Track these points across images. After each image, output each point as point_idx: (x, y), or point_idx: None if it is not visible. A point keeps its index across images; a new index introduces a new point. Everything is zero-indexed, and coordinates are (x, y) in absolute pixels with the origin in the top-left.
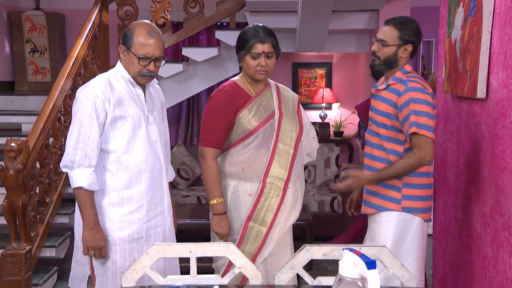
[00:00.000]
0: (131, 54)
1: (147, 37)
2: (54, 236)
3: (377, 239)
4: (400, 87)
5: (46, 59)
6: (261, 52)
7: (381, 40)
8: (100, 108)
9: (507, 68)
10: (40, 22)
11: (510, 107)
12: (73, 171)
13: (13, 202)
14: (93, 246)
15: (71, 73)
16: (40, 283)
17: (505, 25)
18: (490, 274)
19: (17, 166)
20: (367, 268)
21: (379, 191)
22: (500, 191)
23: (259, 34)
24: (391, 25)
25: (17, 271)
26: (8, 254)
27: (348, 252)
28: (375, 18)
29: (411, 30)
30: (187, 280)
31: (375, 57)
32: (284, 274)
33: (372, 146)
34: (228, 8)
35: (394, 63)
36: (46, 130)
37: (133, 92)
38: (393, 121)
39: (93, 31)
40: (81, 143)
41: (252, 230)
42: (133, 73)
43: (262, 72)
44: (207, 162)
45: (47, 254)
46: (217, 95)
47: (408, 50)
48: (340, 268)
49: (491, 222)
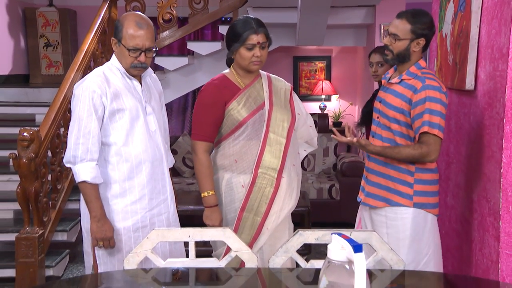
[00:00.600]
0: (121, 47)
1: (136, 28)
2: (65, 221)
3: (395, 235)
4: (417, 83)
5: (59, 53)
6: (256, 43)
7: (393, 34)
8: (97, 102)
9: (494, 61)
10: (53, 18)
11: (497, 98)
12: (76, 165)
13: (26, 188)
14: (101, 237)
15: (81, 66)
16: (52, 265)
17: (492, 19)
18: (477, 257)
19: (29, 155)
20: (354, 251)
21: (389, 185)
22: (486, 179)
23: (252, 25)
24: (403, 18)
25: (31, 254)
26: (22, 237)
27: (337, 236)
28: (372, 13)
29: (424, 24)
30: (186, 263)
31: (388, 50)
32: (278, 258)
33: (382, 140)
34: (231, 4)
35: (407, 57)
36: (57, 121)
37: (129, 84)
38: (406, 117)
39: (102, 26)
40: (81, 138)
41: (247, 220)
42: (126, 65)
43: (257, 63)
44: (198, 155)
45: (59, 238)
46: (206, 88)
47: (420, 44)
48: (329, 251)
49: (478, 208)
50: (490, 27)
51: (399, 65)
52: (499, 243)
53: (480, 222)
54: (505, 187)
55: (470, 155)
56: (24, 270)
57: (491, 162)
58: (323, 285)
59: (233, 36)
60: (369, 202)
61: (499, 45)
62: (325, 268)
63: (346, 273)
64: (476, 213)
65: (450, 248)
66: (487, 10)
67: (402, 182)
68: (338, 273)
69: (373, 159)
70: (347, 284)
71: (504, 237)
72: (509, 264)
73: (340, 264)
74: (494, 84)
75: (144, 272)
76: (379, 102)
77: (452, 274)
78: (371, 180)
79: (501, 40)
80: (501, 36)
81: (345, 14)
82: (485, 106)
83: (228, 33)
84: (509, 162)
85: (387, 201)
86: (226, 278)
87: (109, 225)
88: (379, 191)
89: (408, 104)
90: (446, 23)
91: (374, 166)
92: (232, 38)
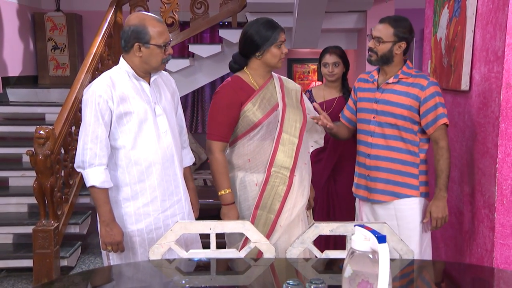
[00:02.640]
0: (152, 47)
1: (160, 24)
2: (77, 214)
3: (406, 226)
4: (421, 81)
5: (66, 56)
6: (284, 40)
7: (377, 37)
8: (103, 107)
9: (489, 63)
10: (60, 22)
11: (492, 98)
12: (85, 170)
13: (43, 183)
14: (110, 242)
15: (90, 68)
16: (67, 256)
17: (487, 24)
18: (471, 247)
19: (45, 152)
20: (378, 242)
21: (397, 179)
22: (481, 173)
23: (277, 25)
24: (386, 23)
25: (47, 245)
26: (39, 230)
27: (359, 228)
28: (363, 18)
29: (405, 28)
30: (208, 254)
31: (372, 52)
32: (295, 248)
33: (385, 137)
34: (230, 8)
35: (390, 59)
36: (69, 120)
37: (137, 87)
38: (413, 113)
39: (109, 30)
40: (89, 143)
41: (260, 218)
42: (156, 63)
43: (283, 59)
44: (214, 155)
45: (72, 230)
46: (222, 90)
47: (402, 47)
48: (353, 242)
49: (472, 201)
50: (485, 32)
51: (384, 66)
52: (494, 233)
53: (475, 214)
54: (500, 181)
55: (464, 152)
56: (41, 260)
57: (486, 158)
58: (347, 274)
59: (261, 38)
60: (375, 197)
61: (494, 48)
62: (349, 258)
63: (370, 262)
64: (470, 205)
65: (445, 239)
66: (482, 16)
67: (409, 174)
68: (362, 263)
69: (376, 157)
70: (371, 272)
71: (498, 228)
72: (503, 252)
73: (363, 254)
74: (489, 85)
75: (168, 262)
76: (374, 103)
77: (459, 262)
78: (374, 177)
79: (496, 44)
80: (496, 40)
81: (338, 19)
82: (480, 105)
83: (251, 37)
84: (504, 158)
85: (395, 195)
86: (245, 267)
87: (118, 230)
88: (385, 186)
89: (417, 101)
90: (440, 28)
91: (377, 163)
92: (261, 40)
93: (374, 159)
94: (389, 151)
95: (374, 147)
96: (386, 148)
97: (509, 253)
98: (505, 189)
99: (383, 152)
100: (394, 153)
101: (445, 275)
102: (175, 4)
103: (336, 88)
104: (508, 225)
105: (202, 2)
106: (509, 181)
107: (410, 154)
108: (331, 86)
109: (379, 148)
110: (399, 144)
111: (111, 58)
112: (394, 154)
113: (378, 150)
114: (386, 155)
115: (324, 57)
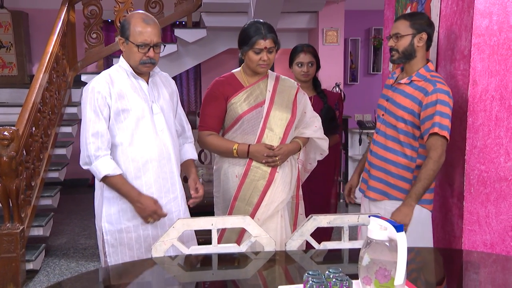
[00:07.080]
0: (130, 44)
1: (143, 24)
2: (40, 217)
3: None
4: (428, 86)
5: (13, 55)
6: (263, 47)
7: (395, 33)
8: (102, 103)
9: (455, 61)
10: (5, 19)
11: (459, 94)
12: (93, 164)
13: (7, 186)
14: (147, 214)
15: (48, 68)
16: (32, 259)
17: (451, 25)
18: (439, 234)
19: (10, 153)
20: (397, 231)
21: (389, 180)
22: (449, 165)
23: (261, 31)
24: (401, 19)
25: (13, 249)
26: (4, 233)
27: (375, 218)
28: (315, 19)
29: (422, 19)
30: (209, 249)
31: (394, 51)
32: (294, 241)
33: (386, 137)
34: (185, 8)
35: (413, 53)
36: (30, 120)
37: (135, 85)
38: (415, 118)
39: (63, 29)
40: (91, 138)
41: (239, 210)
42: (134, 62)
43: (263, 66)
44: (205, 138)
45: (35, 233)
46: (211, 85)
47: (423, 39)
48: (369, 232)
49: (440, 191)
50: (449, 32)
51: (406, 64)
52: (463, 220)
53: (443, 204)
54: (468, 171)
55: None
56: (7, 264)
57: (454, 150)
58: (365, 262)
59: (243, 40)
60: (370, 195)
61: (460, 48)
62: (366, 247)
63: (387, 250)
64: (438, 195)
65: None
66: (446, 17)
67: (401, 178)
68: (379, 251)
69: (375, 154)
70: (388, 260)
71: (467, 215)
72: (471, 237)
73: (381, 242)
74: (455, 82)
75: (170, 259)
76: (385, 100)
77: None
78: (373, 175)
79: (462, 44)
80: (461, 40)
81: (291, 19)
82: None
83: (240, 36)
84: (471, 150)
85: (386, 195)
86: (247, 261)
87: (148, 201)
88: (379, 185)
89: (419, 106)
90: None
91: (375, 161)
92: (242, 41)
93: (374, 157)
94: (386, 151)
95: (376, 145)
96: (384, 147)
97: (475, 238)
98: (472, 178)
99: (382, 151)
100: (390, 154)
101: (421, 259)
102: (129, 4)
103: (308, 88)
104: (474, 212)
105: (157, 1)
106: (476, 171)
107: (405, 158)
108: (303, 87)
109: (379, 147)
110: (396, 146)
111: (65, 57)
112: (390, 155)
113: (378, 148)
114: (383, 155)
115: (298, 56)
